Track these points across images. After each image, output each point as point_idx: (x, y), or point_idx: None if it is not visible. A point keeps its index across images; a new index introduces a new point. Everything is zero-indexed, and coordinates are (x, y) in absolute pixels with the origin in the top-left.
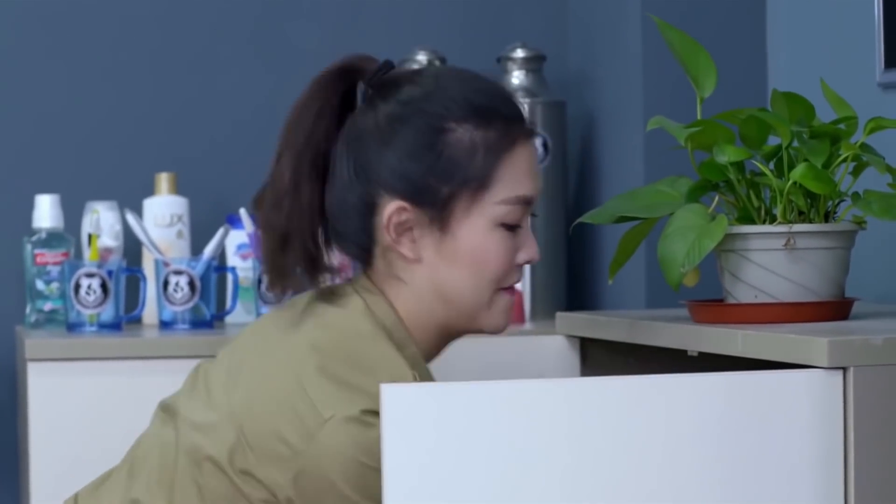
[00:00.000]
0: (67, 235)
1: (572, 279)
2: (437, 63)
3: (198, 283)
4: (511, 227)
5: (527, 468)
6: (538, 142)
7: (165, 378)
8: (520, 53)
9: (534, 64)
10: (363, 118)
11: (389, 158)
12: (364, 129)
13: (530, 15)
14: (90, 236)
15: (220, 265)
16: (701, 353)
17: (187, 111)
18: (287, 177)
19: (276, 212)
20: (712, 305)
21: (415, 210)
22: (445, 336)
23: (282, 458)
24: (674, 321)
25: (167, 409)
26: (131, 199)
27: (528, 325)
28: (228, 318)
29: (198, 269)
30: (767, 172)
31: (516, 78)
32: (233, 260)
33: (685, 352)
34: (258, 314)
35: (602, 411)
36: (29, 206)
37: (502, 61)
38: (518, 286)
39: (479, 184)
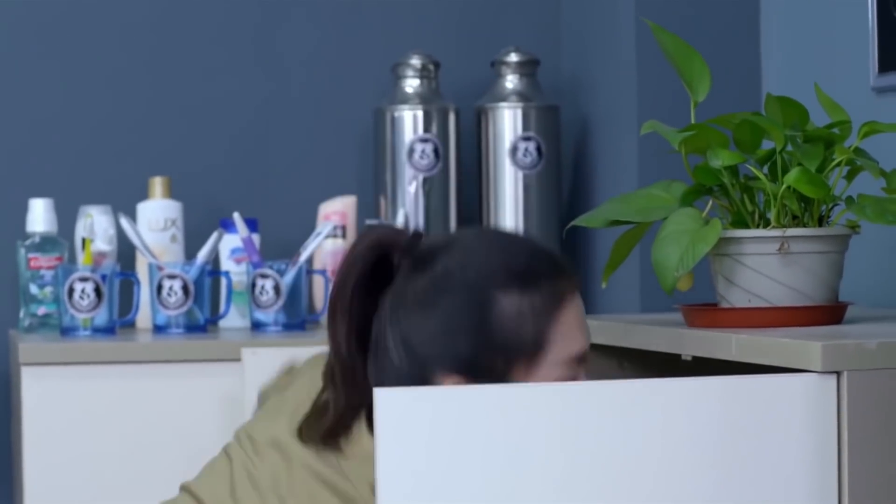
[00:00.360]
0: (61, 240)
1: None
2: (432, 67)
3: (191, 288)
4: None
5: (521, 473)
6: (531, 146)
7: (159, 382)
8: (513, 58)
9: (527, 68)
10: (402, 294)
11: (437, 336)
12: (405, 306)
13: (524, 19)
14: (84, 240)
15: (213, 269)
16: (695, 358)
17: (182, 116)
18: (344, 351)
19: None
20: (706, 309)
21: (473, 383)
22: None
23: None
24: (668, 325)
25: None
26: (125, 203)
27: None
28: (222, 323)
29: (192, 274)
30: (761, 176)
31: (510, 82)
32: (226, 264)
33: (679, 356)
34: (252, 318)
35: (596, 416)
36: (22, 210)
37: (496, 65)
38: None
39: (533, 349)
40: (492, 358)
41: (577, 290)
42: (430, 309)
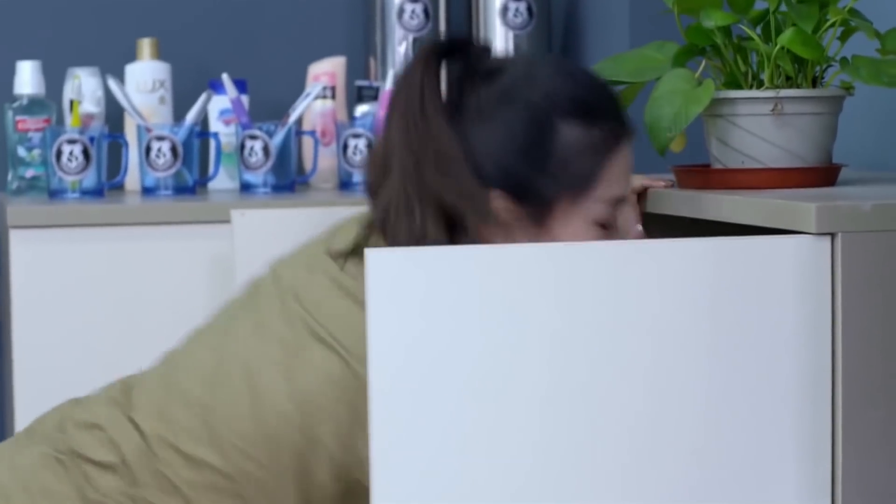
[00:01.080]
0: (49, 102)
1: None
2: None
3: (180, 149)
4: (604, 225)
5: (514, 335)
6: (521, 6)
7: (148, 244)
8: None
9: None
10: (467, 99)
11: (495, 150)
12: (467, 112)
13: None
14: (72, 102)
15: (202, 131)
16: (689, 219)
17: None
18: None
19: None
20: (699, 171)
21: (516, 205)
22: None
23: None
24: None
25: None
26: (113, 65)
27: None
28: (211, 184)
29: (180, 135)
30: (755, 37)
31: None
32: (215, 125)
33: (672, 217)
34: (241, 180)
35: (591, 277)
36: (10, 73)
37: None
38: None
39: (582, 184)
40: (542, 182)
41: (632, 137)
42: (490, 121)
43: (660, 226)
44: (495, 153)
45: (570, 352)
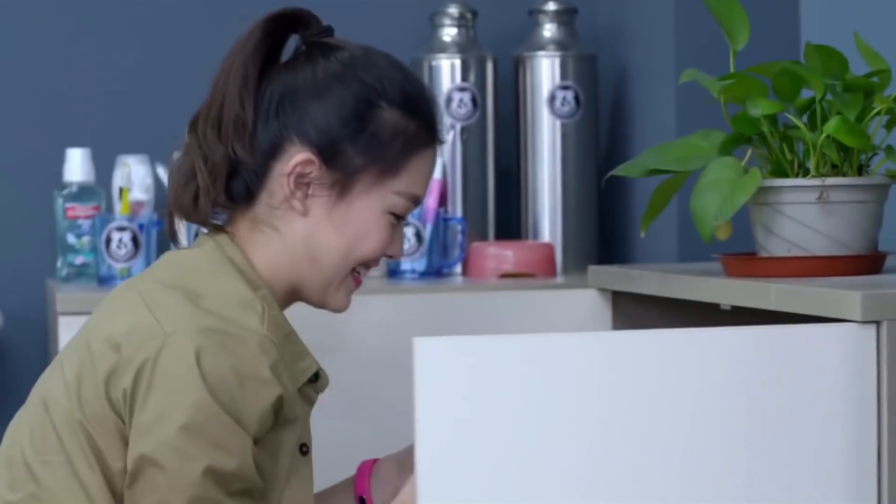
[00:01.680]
0: (98, 189)
1: (604, 232)
2: (469, 16)
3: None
4: (397, 221)
5: (558, 422)
6: (569, 95)
7: None
8: (551, 6)
9: (565, 17)
10: (300, 68)
11: (316, 111)
12: (298, 78)
13: None
14: (121, 190)
15: None
16: (733, 307)
17: (217, 63)
18: (234, 112)
19: (217, 139)
20: (745, 259)
21: (321, 168)
22: (293, 294)
23: (115, 366)
24: (706, 275)
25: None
26: (162, 152)
27: (559, 279)
28: None
29: None
30: (801, 125)
31: (548, 31)
32: None
33: (717, 306)
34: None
35: (633, 365)
36: (60, 160)
37: (534, 14)
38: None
39: (388, 167)
40: (353, 154)
41: (440, 147)
42: (322, 89)
43: (704, 313)
44: (318, 117)
45: (611, 438)
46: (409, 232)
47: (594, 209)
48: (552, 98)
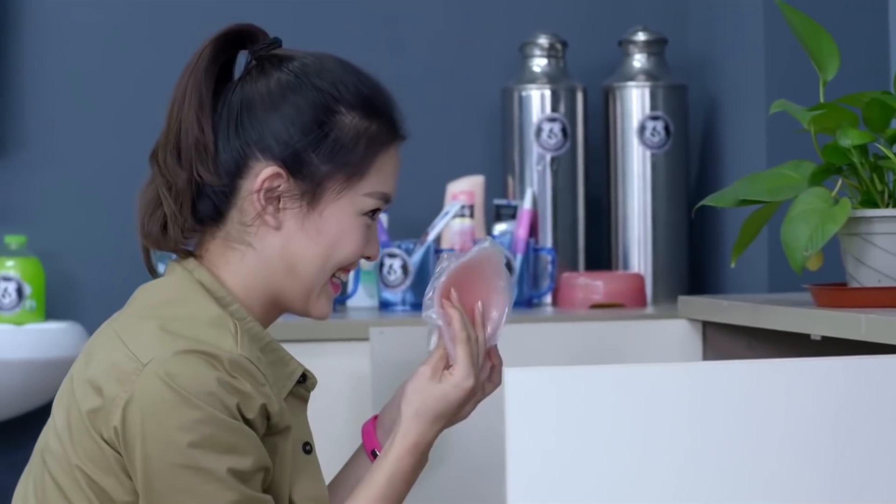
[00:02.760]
0: None
1: (694, 262)
2: (559, 47)
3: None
4: (372, 221)
5: (648, 452)
6: (658, 125)
7: None
8: (641, 37)
9: (655, 47)
10: (253, 82)
11: (276, 124)
12: (253, 93)
13: None
14: None
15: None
16: (823, 338)
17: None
18: (192, 137)
19: (177, 166)
20: (835, 289)
21: (289, 180)
22: (276, 307)
23: (99, 411)
24: (797, 305)
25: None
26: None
27: (649, 309)
28: (350, 302)
29: None
30: (891, 156)
31: (637, 61)
32: None
33: (807, 336)
34: (380, 298)
35: (723, 395)
36: None
37: (624, 44)
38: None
39: (354, 171)
40: (318, 162)
41: (402, 143)
42: (277, 101)
43: (794, 343)
44: (278, 129)
45: (700, 469)
46: None
47: (684, 239)
48: (642, 128)
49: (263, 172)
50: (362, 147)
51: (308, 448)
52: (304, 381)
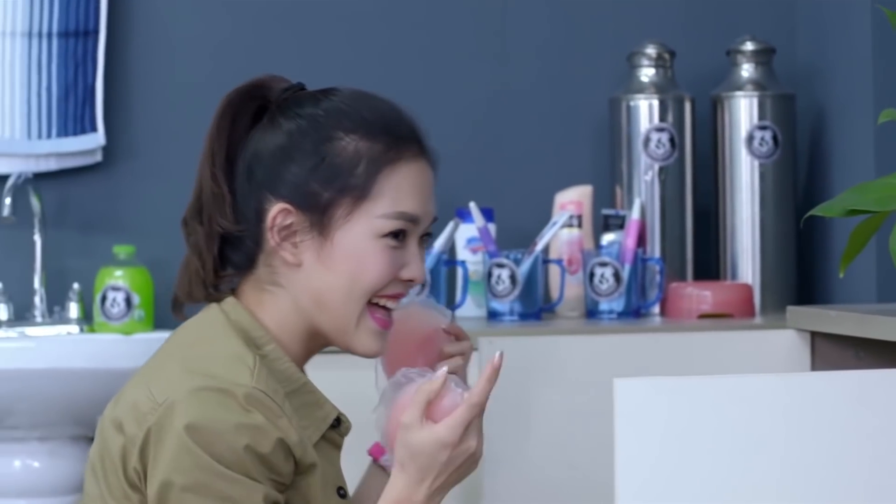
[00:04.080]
0: None
1: (803, 273)
2: (667, 56)
3: (428, 277)
4: (399, 242)
5: (756, 463)
6: (767, 135)
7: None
8: (749, 46)
9: (763, 57)
10: (263, 133)
11: (278, 162)
12: (262, 141)
13: (759, 7)
14: None
15: (450, 259)
16: None
17: (417, 106)
18: (209, 190)
19: (198, 225)
20: None
21: (298, 213)
22: (317, 343)
23: (120, 450)
24: None
25: None
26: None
27: (758, 319)
28: (458, 312)
29: (428, 263)
30: None
31: (746, 71)
32: (463, 254)
33: None
34: (488, 308)
35: (832, 406)
36: None
37: (731, 54)
38: (395, 305)
39: (359, 193)
40: (319, 189)
41: (423, 160)
42: (281, 143)
43: (894, 353)
44: (280, 167)
45: (808, 480)
46: (607, 272)
47: (792, 249)
48: (750, 138)
49: (272, 211)
50: (363, 168)
51: (342, 493)
52: (339, 425)
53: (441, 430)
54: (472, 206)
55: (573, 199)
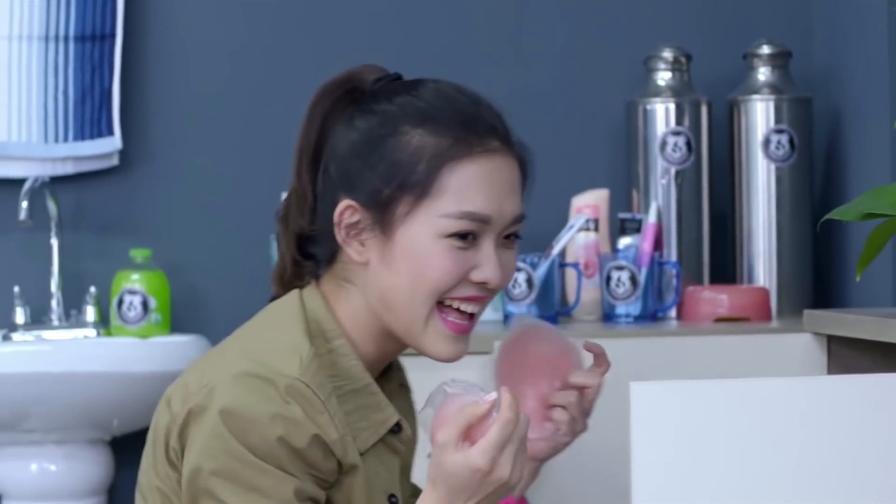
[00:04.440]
0: None
1: (819, 276)
2: (684, 60)
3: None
4: (467, 242)
5: (773, 466)
6: (783, 138)
7: (417, 374)
8: (765, 50)
9: (779, 60)
10: (341, 127)
11: (347, 158)
12: (338, 137)
13: (775, 11)
14: None
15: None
16: None
17: None
18: (292, 187)
19: (281, 222)
20: None
21: (362, 211)
22: (394, 341)
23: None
24: None
25: None
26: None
27: (774, 323)
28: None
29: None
30: None
31: (762, 74)
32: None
33: None
34: (505, 311)
35: (849, 410)
36: (275, 204)
37: (748, 58)
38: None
39: (420, 190)
40: (381, 186)
41: (496, 156)
42: (351, 134)
43: None
44: (348, 163)
45: (826, 484)
46: (623, 276)
47: (809, 253)
48: (767, 142)
49: (339, 207)
50: (424, 165)
51: (394, 500)
52: (399, 431)
53: (474, 456)
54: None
55: (590, 202)
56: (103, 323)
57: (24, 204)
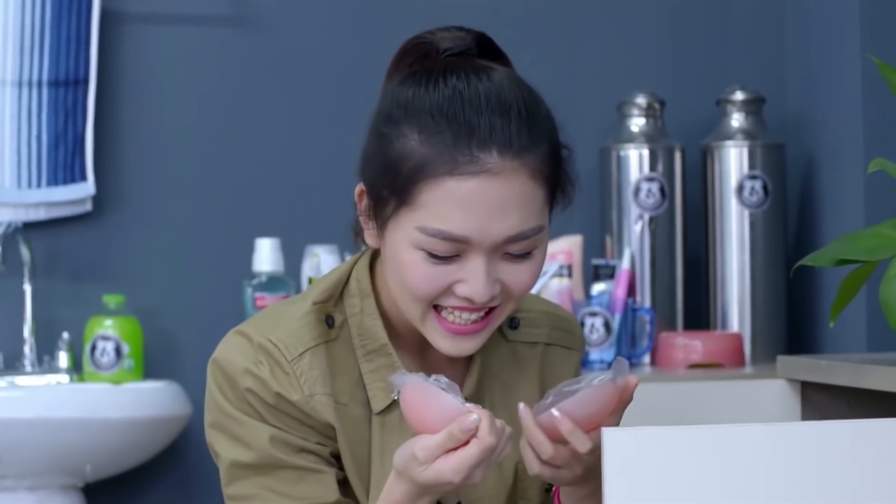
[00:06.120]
0: (287, 279)
1: (793, 322)
2: (657, 106)
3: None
4: (440, 259)
5: None
6: (757, 184)
7: None
8: (739, 96)
9: (753, 106)
10: (386, 89)
11: (369, 136)
12: (380, 99)
13: (749, 57)
14: (311, 280)
15: None
16: None
17: None
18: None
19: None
20: None
21: (368, 199)
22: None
23: None
24: None
25: None
26: (351, 242)
27: (748, 369)
28: None
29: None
30: None
31: (736, 120)
32: None
33: None
34: None
35: (824, 456)
36: (249, 250)
37: (721, 104)
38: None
39: (400, 198)
40: (374, 179)
41: (492, 176)
42: (381, 101)
43: (893, 403)
44: (368, 141)
45: None
46: (597, 322)
47: (783, 299)
48: (740, 187)
49: (356, 189)
50: (406, 171)
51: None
52: None
53: (448, 474)
54: None
55: (563, 248)
56: (76, 369)
57: None
